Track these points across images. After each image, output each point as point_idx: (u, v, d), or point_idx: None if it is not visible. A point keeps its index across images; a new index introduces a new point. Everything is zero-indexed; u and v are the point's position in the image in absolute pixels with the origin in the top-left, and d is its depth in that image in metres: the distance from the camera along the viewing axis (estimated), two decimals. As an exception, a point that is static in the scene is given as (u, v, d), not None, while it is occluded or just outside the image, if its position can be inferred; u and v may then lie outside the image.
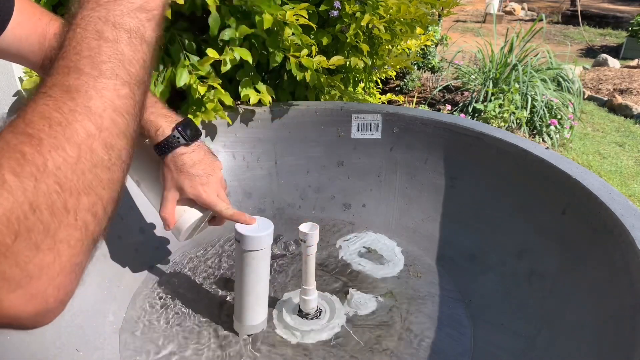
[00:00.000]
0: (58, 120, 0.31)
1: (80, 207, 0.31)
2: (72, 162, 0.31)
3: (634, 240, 0.61)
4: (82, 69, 0.34)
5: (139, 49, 0.37)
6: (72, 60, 0.35)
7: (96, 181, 0.32)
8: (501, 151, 0.89)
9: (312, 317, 0.76)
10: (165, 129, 0.67)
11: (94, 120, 0.33)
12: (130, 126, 0.36)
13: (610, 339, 0.59)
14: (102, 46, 0.35)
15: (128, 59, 0.36)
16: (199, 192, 0.69)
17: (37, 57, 0.68)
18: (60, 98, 0.33)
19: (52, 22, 0.69)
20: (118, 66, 0.35)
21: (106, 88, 0.34)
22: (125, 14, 0.37)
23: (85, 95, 0.33)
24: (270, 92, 1.03)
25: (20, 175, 0.29)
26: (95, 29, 0.36)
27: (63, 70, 0.34)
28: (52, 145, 0.30)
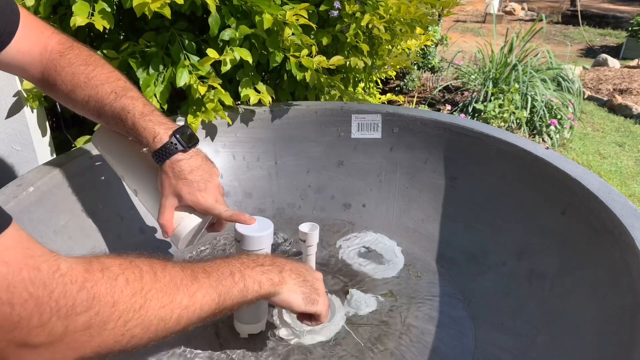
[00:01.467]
0: (175, 283, 0.48)
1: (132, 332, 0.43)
2: (158, 306, 0.45)
3: (634, 240, 0.61)
4: (210, 276, 0.53)
5: (239, 297, 0.54)
6: (208, 270, 0.53)
7: (154, 326, 0.45)
8: (501, 151, 0.89)
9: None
10: (162, 136, 0.67)
11: (189, 300, 0.48)
12: (191, 323, 0.49)
13: (610, 339, 0.59)
14: (227, 279, 0.54)
15: (231, 295, 0.53)
16: (197, 198, 0.69)
17: (36, 70, 0.69)
18: (187, 276, 0.49)
19: (53, 36, 0.70)
20: (224, 293, 0.52)
21: (209, 295, 0.51)
22: (250, 278, 0.56)
23: (200, 288, 0.50)
24: (270, 92, 1.03)
25: (129, 284, 0.42)
26: (231, 271, 0.55)
27: (201, 269, 0.52)
28: (159, 288, 0.45)
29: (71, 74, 0.68)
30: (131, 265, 0.44)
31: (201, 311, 0.49)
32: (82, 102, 0.69)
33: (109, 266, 0.42)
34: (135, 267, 0.45)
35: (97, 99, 0.68)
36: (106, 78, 0.69)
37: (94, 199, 0.83)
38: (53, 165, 0.79)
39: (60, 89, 0.69)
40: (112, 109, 0.68)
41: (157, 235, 0.90)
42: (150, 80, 0.96)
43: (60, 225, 0.75)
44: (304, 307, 0.61)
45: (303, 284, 0.62)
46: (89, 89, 0.68)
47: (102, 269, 0.41)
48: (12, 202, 0.68)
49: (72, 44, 0.70)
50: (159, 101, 0.97)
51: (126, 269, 0.43)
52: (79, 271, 0.39)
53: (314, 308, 0.62)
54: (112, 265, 0.43)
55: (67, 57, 0.68)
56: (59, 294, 0.37)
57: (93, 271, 0.40)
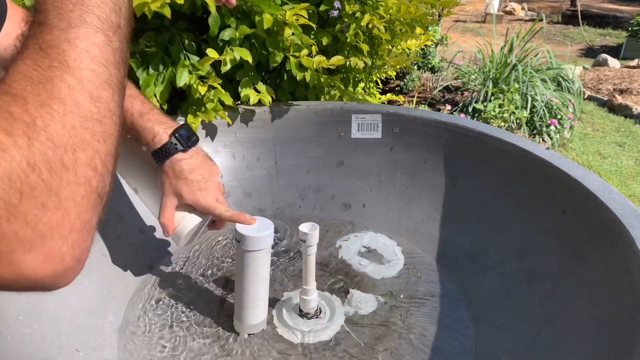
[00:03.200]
0: (38, 78, 0.31)
1: (78, 162, 0.30)
2: (60, 117, 0.30)
3: (634, 240, 0.61)
4: (51, 22, 0.33)
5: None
6: (40, 17, 0.34)
7: (89, 135, 0.32)
8: (501, 151, 0.89)
9: (312, 316, 0.76)
10: (162, 135, 0.67)
11: (72, 73, 0.32)
12: (113, 75, 0.34)
13: (610, 339, 0.59)
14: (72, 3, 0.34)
15: (95, 3, 0.35)
16: (198, 198, 0.69)
17: None
18: (36, 56, 0.32)
19: None
20: (86, 12, 0.34)
21: (78, 37, 0.33)
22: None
23: (59, 49, 0.32)
24: (270, 92, 1.03)
25: (13, 134, 0.28)
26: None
27: (35, 28, 0.34)
28: (37, 102, 0.30)
29: None
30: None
31: (98, 63, 0.33)
32: None
33: None
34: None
35: None
36: None
37: (94, 199, 0.82)
38: (53, 165, 0.78)
39: None
40: None
41: (157, 235, 0.90)
42: (150, 80, 0.96)
43: (60, 225, 0.75)
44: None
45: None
46: None
47: None
48: (12, 202, 0.68)
49: None
50: (159, 101, 0.97)
51: None
52: None
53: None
54: None
55: None
56: None
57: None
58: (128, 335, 0.73)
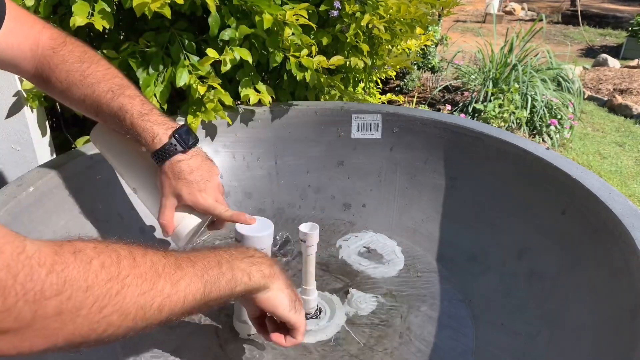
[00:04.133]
0: (156, 270, 0.44)
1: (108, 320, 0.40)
2: (137, 292, 0.41)
3: (634, 240, 0.61)
4: (195, 265, 0.49)
5: (226, 288, 0.51)
6: (193, 261, 0.49)
7: (133, 313, 0.41)
8: (501, 151, 0.89)
9: (312, 316, 0.76)
10: (162, 136, 0.67)
11: (171, 287, 0.45)
12: (174, 315, 0.46)
13: (610, 339, 0.59)
14: (214, 269, 0.50)
15: (218, 287, 0.50)
16: (197, 199, 0.69)
17: (29, 65, 0.68)
18: (170, 264, 0.46)
19: (44, 30, 0.68)
20: (211, 283, 0.49)
21: (194, 284, 0.47)
22: (239, 269, 0.53)
23: (183, 276, 0.46)
24: (270, 92, 1.03)
25: (104, 268, 0.39)
26: (218, 261, 0.52)
27: (186, 259, 0.48)
28: (138, 273, 0.42)
29: (65, 72, 0.67)
30: (107, 249, 0.41)
31: (185, 301, 0.46)
32: (78, 101, 0.68)
33: (82, 249, 0.39)
34: (112, 251, 0.41)
35: (93, 98, 0.67)
36: (102, 76, 0.68)
37: (94, 199, 0.83)
38: (53, 165, 0.79)
39: (56, 86, 0.68)
40: (110, 108, 0.67)
41: (157, 235, 0.90)
42: (150, 80, 0.96)
43: (60, 225, 0.75)
44: (288, 311, 0.58)
45: (289, 287, 0.59)
46: (85, 87, 0.67)
47: (75, 251, 0.39)
48: (12, 202, 0.68)
49: (65, 39, 0.69)
50: (159, 101, 0.97)
51: (102, 253, 0.40)
52: (48, 253, 0.37)
53: (297, 317, 0.59)
54: (86, 248, 0.40)
55: (60, 54, 0.67)
56: (25, 276, 0.34)
57: (64, 254, 0.38)
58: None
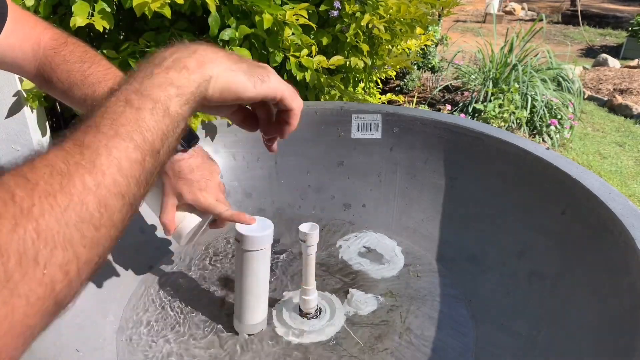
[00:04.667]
0: (60, 170, 0.31)
1: (52, 261, 0.29)
2: (59, 211, 0.30)
3: (634, 240, 0.61)
4: (100, 128, 0.35)
5: (161, 120, 0.38)
6: (95, 121, 0.36)
7: (78, 237, 0.30)
8: (501, 151, 0.89)
9: (312, 316, 0.76)
10: None
11: (94, 176, 0.33)
12: (131, 190, 0.35)
13: (610, 339, 0.59)
14: (126, 112, 0.36)
15: (148, 126, 0.37)
16: (198, 198, 0.69)
17: (30, 66, 0.68)
18: (70, 151, 0.33)
19: (46, 31, 0.69)
20: (136, 131, 0.36)
21: (117, 148, 0.35)
22: (155, 86, 0.39)
23: (95, 151, 0.34)
24: (270, 92, 1.03)
25: (2, 216, 0.28)
26: (125, 97, 0.37)
27: (84, 128, 0.35)
28: (45, 191, 0.30)
29: (66, 72, 0.67)
30: None
31: (122, 173, 0.34)
32: (79, 101, 0.69)
33: None
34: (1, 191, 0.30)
35: (94, 98, 0.67)
36: (103, 76, 0.68)
37: (94, 199, 0.82)
38: (53, 165, 0.78)
39: (57, 86, 0.68)
40: None
41: (157, 235, 0.90)
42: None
43: (60, 225, 0.75)
44: (254, 88, 0.45)
45: (238, 61, 0.45)
46: (86, 87, 0.67)
47: None
48: (12, 202, 0.68)
49: (66, 40, 0.69)
50: (159, 101, 0.97)
51: None
52: None
53: (267, 86, 0.46)
54: None
55: (61, 54, 0.67)
56: None
57: None
58: (128, 336, 0.73)
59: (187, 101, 0.40)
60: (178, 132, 0.39)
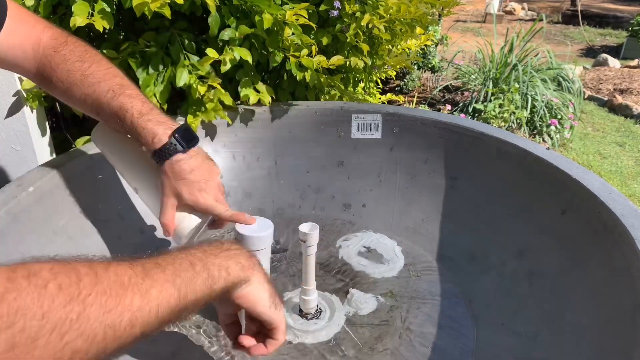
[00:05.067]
0: (122, 282, 0.39)
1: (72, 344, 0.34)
2: (103, 311, 0.36)
3: (634, 240, 0.61)
4: (165, 270, 0.44)
5: (205, 290, 0.46)
6: (162, 264, 0.44)
7: (101, 336, 0.36)
8: (501, 151, 0.89)
9: (312, 317, 0.76)
10: (162, 136, 0.67)
11: (142, 300, 0.40)
12: (151, 326, 0.42)
13: (610, 339, 0.59)
14: (187, 270, 0.45)
15: (194, 288, 0.45)
16: (197, 198, 0.69)
17: (30, 65, 0.68)
18: (137, 273, 0.41)
19: (46, 30, 0.69)
20: (186, 286, 0.44)
21: (167, 291, 0.42)
22: (216, 265, 0.48)
23: (153, 283, 0.42)
24: (270, 92, 1.03)
25: (63, 290, 0.35)
26: (190, 261, 0.47)
27: (154, 264, 0.44)
28: (104, 291, 0.37)
29: (66, 71, 0.67)
30: (65, 269, 0.37)
31: (159, 310, 0.42)
32: (79, 100, 0.69)
33: (37, 272, 0.35)
34: (70, 270, 0.37)
35: (94, 97, 0.67)
36: (103, 75, 0.68)
37: (94, 199, 0.82)
38: (53, 165, 0.79)
39: (57, 86, 0.68)
40: (110, 107, 0.67)
41: (157, 235, 0.90)
42: (150, 80, 0.96)
43: (60, 225, 0.75)
44: (268, 307, 0.54)
45: (269, 282, 0.55)
46: (86, 87, 0.67)
47: (29, 275, 0.34)
48: (12, 202, 0.68)
49: (66, 39, 0.69)
50: (159, 101, 0.97)
51: (59, 274, 0.36)
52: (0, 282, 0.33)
53: (278, 313, 0.55)
54: (42, 271, 0.35)
55: (61, 54, 0.67)
56: None
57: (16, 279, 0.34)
58: (128, 335, 0.73)
59: (226, 287, 0.49)
60: (203, 302, 0.47)
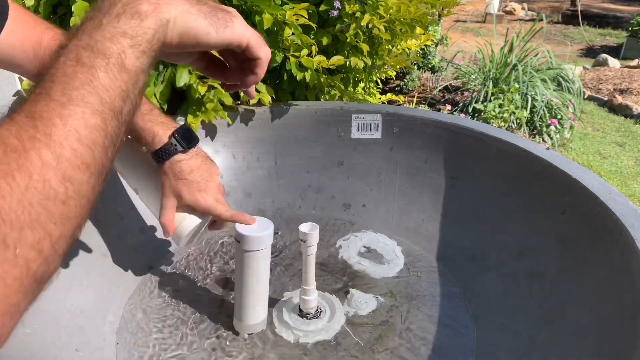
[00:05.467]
0: (14, 147, 0.29)
1: (22, 242, 0.28)
2: (19, 191, 0.28)
3: (634, 240, 0.61)
4: (52, 95, 0.32)
5: (117, 77, 0.34)
6: (45, 87, 0.33)
7: (45, 215, 0.29)
8: (501, 151, 0.89)
9: (312, 317, 0.76)
10: (162, 136, 0.67)
11: (52, 149, 0.30)
12: (97, 158, 0.33)
13: (610, 339, 0.59)
14: (78, 72, 0.33)
15: (104, 86, 0.34)
16: (197, 199, 0.69)
17: (31, 65, 0.68)
18: (23, 124, 0.31)
19: (47, 31, 0.69)
20: (91, 93, 0.33)
21: (73, 116, 0.32)
22: (106, 39, 0.35)
23: (49, 122, 0.31)
24: (270, 92, 1.03)
25: None
26: (75, 56, 0.34)
27: (35, 97, 0.32)
28: (2, 172, 0.28)
29: None
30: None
31: (84, 144, 0.32)
32: None
33: None
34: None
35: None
36: None
37: (94, 199, 0.82)
38: (53, 165, 0.78)
39: None
40: None
41: (157, 235, 0.90)
42: (150, 80, 0.96)
43: (60, 225, 0.75)
44: (215, 32, 0.41)
45: (198, 3, 0.41)
46: None
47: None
48: (12, 202, 0.68)
49: None
50: (159, 101, 0.97)
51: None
52: None
53: (231, 32, 0.43)
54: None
55: None
56: None
57: None
58: (128, 336, 0.73)
59: (144, 52, 0.36)
60: (139, 86, 0.36)
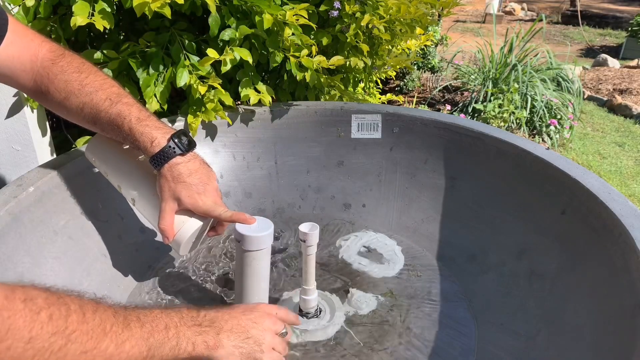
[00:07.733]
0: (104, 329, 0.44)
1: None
2: (80, 350, 0.40)
3: (634, 240, 0.61)
4: (144, 325, 0.49)
5: (170, 357, 0.51)
6: (142, 320, 0.49)
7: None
8: (501, 151, 0.89)
9: (312, 316, 0.76)
10: (160, 140, 0.67)
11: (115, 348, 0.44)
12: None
13: (610, 339, 0.59)
14: (161, 333, 0.50)
15: (163, 353, 0.50)
16: (196, 201, 0.69)
17: (27, 77, 0.68)
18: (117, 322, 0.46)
19: (43, 44, 0.69)
20: (157, 347, 0.49)
21: (139, 347, 0.47)
22: (185, 336, 0.53)
23: (129, 338, 0.46)
24: (270, 92, 1.03)
25: (52, 320, 0.39)
26: (167, 323, 0.52)
27: (136, 317, 0.49)
28: (85, 330, 0.42)
29: (64, 82, 0.68)
30: (59, 302, 0.41)
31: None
32: (76, 110, 0.69)
33: (33, 297, 0.38)
34: (63, 304, 0.41)
35: (91, 105, 0.68)
36: (100, 85, 0.69)
37: (94, 199, 0.83)
38: (53, 165, 0.79)
39: (54, 96, 0.68)
40: (108, 115, 0.68)
41: (157, 235, 0.90)
42: (150, 80, 0.96)
43: (60, 225, 0.75)
44: None
45: (244, 343, 0.59)
46: (83, 95, 0.68)
47: (25, 299, 0.38)
48: (12, 202, 0.68)
49: (64, 52, 0.70)
50: (159, 101, 0.97)
51: (52, 304, 0.40)
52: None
53: None
54: (38, 298, 0.39)
55: (59, 65, 0.68)
56: None
57: (14, 300, 0.37)
58: (128, 335, 0.72)
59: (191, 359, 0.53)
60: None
